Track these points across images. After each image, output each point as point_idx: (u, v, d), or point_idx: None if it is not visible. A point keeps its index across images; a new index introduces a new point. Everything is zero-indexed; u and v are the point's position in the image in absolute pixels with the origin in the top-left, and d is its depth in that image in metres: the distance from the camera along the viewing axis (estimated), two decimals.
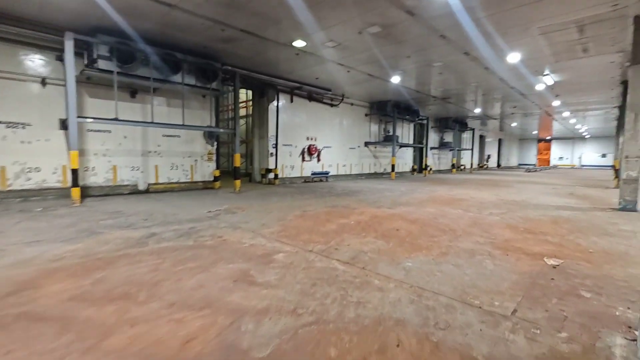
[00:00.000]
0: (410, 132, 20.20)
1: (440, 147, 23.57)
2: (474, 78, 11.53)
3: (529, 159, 44.45)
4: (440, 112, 19.98)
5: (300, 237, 4.09)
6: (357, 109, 16.11)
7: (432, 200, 7.92)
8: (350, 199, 7.88)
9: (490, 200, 8.07)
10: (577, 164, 41.00)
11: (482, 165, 31.45)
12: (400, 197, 8.34)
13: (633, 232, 4.64)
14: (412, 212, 6.14)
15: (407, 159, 20.62)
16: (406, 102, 16.30)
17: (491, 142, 34.70)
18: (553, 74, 10.81)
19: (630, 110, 6.51)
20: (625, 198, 6.63)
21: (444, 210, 6.42)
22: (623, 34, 7.35)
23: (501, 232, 4.54)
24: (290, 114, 12.86)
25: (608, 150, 38.02)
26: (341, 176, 15.40)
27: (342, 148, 15.42)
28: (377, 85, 12.62)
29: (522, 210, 6.57)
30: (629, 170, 6.57)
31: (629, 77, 6.51)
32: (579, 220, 5.50)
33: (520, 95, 14.49)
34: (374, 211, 6.16)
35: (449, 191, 10.03)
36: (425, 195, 8.94)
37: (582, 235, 4.42)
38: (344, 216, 5.61)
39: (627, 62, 9.41)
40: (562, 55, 8.83)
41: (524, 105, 17.45)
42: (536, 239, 4.19)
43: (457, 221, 5.30)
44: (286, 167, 12.83)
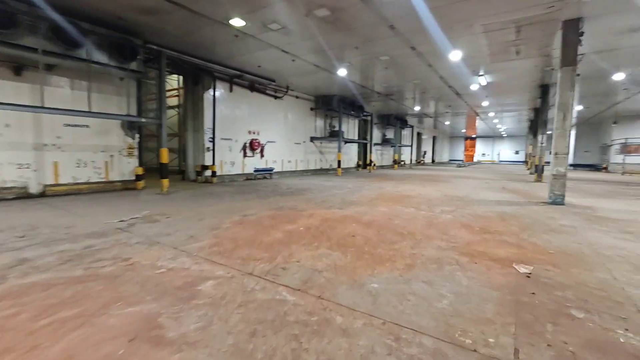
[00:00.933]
0: (355, 128, 20.21)
1: (383, 144, 24.16)
2: (417, 75, 11.66)
3: (457, 155, 48.72)
4: (382, 109, 20.34)
5: (237, 253, 3.26)
6: (302, 102, 15.42)
7: (381, 198, 7.62)
8: (297, 199, 7.18)
9: (436, 196, 8.08)
10: (496, 159, 46.12)
11: (420, 161, 33.34)
12: (350, 196, 7.91)
13: (574, 227, 4.76)
14: (365, 212, 5.68)
15: (352, 154, 20.64)
16: (351, 97, 16.10)
17: (427, 139, 37.01)
18: (487, 74, 11.41)
19: (560, 109, 6.91)
20: (554, 192, 7.07)
21: (396, 209, 6.10)
22: (551, 38, 7.83)
23: (459, 234, 4.27)
24: (229, 105, 11.63)
25: (520, 147, 43.46)
26: (286, 173, 14.62)
27: (287, 143, 14.62)
28: (323, 77, 12.06)
29: (468, 206, 6.57)
30: (558, 167, 7.00)
31: (558, 78, 6.91)
32: (522, 216, 5.58)
33: (456, 95, 15.26)
34: (325, 213, 5.55)
35: (396, 187, 9.96)
36: (374, 192, 8.66)
37: (533, 233, 4.36)
38: (292, 221, 4.90)
39: (547, 66, 10.29)
40: (498, 56, 9.23)
41: (458, 105, 18.58)
42: (495, 240, 3.97)
43: (412, 222, 4.95)
44: (225, 163, 11.62)
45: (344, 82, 12.73)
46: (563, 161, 6.96)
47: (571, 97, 6.82)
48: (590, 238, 4.16)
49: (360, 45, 8.53)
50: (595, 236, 4.26)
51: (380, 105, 19.00)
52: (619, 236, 4.28)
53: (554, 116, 7.04)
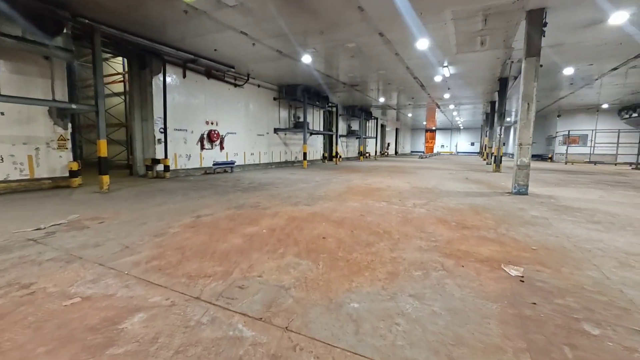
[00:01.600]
0: (320, 119, 19.72)
1: (348, 135, 23.99)
2: (384, 65, 11.38)
3: (418, 146, 50.36)
4: (347, 100, 20.04)
5: (184, 268, 2.63)
6: (265, 92, 14.58)
7: (351, 191, 7.24)
8: (261, 195, 6.56)
9: (405, 188, 7.87)
10: (454, 151, 48.38)
11: (383, 152, 33.82)
12: (317, 190, 7.43)
13: (545, 219, 4.69)
14: (335, 209, 5.23)
15: (318, 146, 20.19)
16: (316, 87, 15.54)
17: (390, 131, 37.65)
18: (451, 66, 11.44)
19: (524, 100, 6.94)
20: (519, 182, 7.14)
21: (367, 204, 5.72)
22: (514, 29, 7.85)
23: (438, 230, 3.96)
24: (183, 93, 10.54)
25: (475, 139, 45.91)
26: (249, 166, 13.79)
27: (249, 135, 13.75)
28: (286, 65, 11.35)
29: (439, 198, 6.40)
30: (522, 157, 7.06)
31: (523, 69, 6.92)
32: (493, 208, 5.48)
33: (420, 87, 15.33)
34: (291, 211, 5.01)
35: (364, 180, 9.66)
36: (343, 185, 8.27)
37: (510, 227, 4.19)
38: (253, 221, 4.30)
39: (508, 59, 10.49)
40: (463, 46, 9.18)
41: (421, 97, 18.80)
42: (475, 237, 3.71)
43: (386, 218, 4.59)
44: (180, 156, 10.57)
45: (308, 70, 12.12)
46: (527, 152, 7.03)
47: (535, 88, 6.87)
48: (565, 230, 4.07)
49: (326, 29, 7.97)
50: (569, 228, 4.19)
51: (345, 96, 18.67)
52: (590, 227, 4.25)
53: (519, 107, 7.07)
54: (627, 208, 5.63)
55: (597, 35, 8.26)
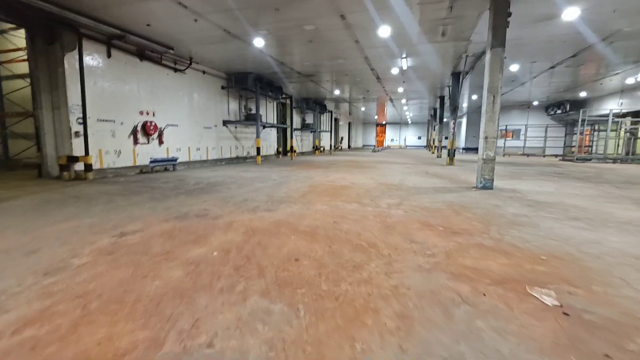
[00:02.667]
0: (273, 111, 18.58)
1: (303, 129, 23.18)
2: (343, 53, 10.72)
3: (370, 140, 51.43)
4: (301, 91, 19.17)
5: (79, 341, 1.61)
6: (211, 79, 13.06)
7: (315, 191, 6.46)
8: (209, 199, 5.46)
9: (372, 185, 7.33)
10: (403, 144, 50.34)
11: (337, 146, 33.67)
12: (277, 190, 6.52)
13: (527, 217, 4.40)
14: (302, 214, 4.40)
15: (272, 140, 19.06)
16: (269, 76, 14.40)
17: (343, 125, 37.65)
18: (409, 57, 11.18)
19: (490, 92, 6.76)
20: (484, 177, 7.00)
21: (337, 206, 4.99)
22: (477, 19, 7.67)
23: (428, 239, 3.36)
24: (109, 76, 8.77)
25: (422, 133, 48.23)
26: (195, 163, 12.27)
27: (194, 127, 12.20)
28: (236, 49, 10.10)
29: (410, 196, 5.92)
30: (487, 150, 6.91)
31: (488, 60, 6.71)
32: (469, 206, 5.11)
33: (376, 79, 15.04)
34: (249, 220, 4.07)
35: (326, 176, 8.95)
36: (304, 184, 7.45)
37: (499, 230, 3.76)
38: (200, 238, 3.29)
39: (464, 52, 10.50)
40: (424, 36, 8.86)
41: (375, 90, 18.65)
42: (471, 245, 3.17)
43: (364, 225, 3.89)
44: (108, 153, 8.82)
45: (261, 56, 10.98)
46: (492, 145, 6.89)
47: (500, 79, 6.71)
48: (554, 230, 3.75)
49: (282, 5, 7.00)
50: (557, 227, 3.89)
51: (300, 88, 17.77)
52: (574, 225, 4.01)
53: (484, 99, 6.88)
54: (587, 200, 5.67)
55: (549, 31, 8.49)
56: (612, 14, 7.37)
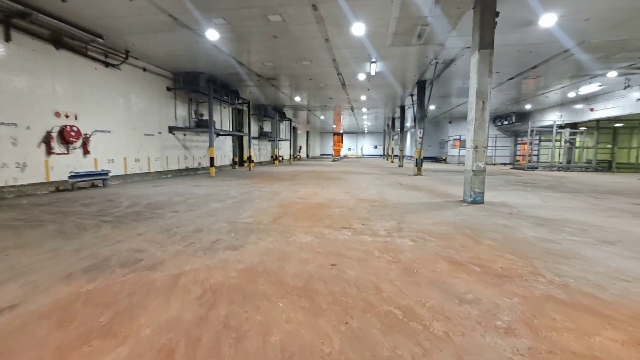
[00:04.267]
0: (228, 118, 16.90)
1: (260, 137, 21.71)
2: (310, 53, 9.70)
3: (327, 149, 51.14)
4: (259, 97, 17.80)
5: None
6: (155, 79, 11.18)
7: (288, 212, 5.21)
8: (146, 231, 3.94)
9: (351, 202, 6.29)
10: (360, 153, 50.88)
11: (296, 156, 32.55)
12: (240, 212, 5.15)
13: (558, 243, 3.64)
14: (283, 253, 3.15)
15: (227, 150, 17.31)
16: (224, 78, 12.87)
17: (301, 134, 36.75)
18: (379, 62, 10.54)
19: (479, 98, 6.16)
20: (475, 190, 6.35)
21: (325, 236, 3.81)
22: (458, 20, 7.16)
23: (476, 291, 2.35)
24: (8, 65, 6.69)
25: (378, 142, 49.21)
26: (133, 176, 10.24)
27: (132, 134, 10.22)
28: (184, 41, 8.55)
29: (404, 217, 4.97)
30: (478, 161, 6.28)
31: (476, 62, 6.13)
32: (479, 229, 4.28)
33: (341, 85, 14.30)
34: (206, 269, 2.72)
35: (294, 191, 7.73)
36: (272, 202, 6.16)
37: (547, 265, 2.90)
38: (117, 324, 1.90)
39: (434, 58, 10.11)
40: (399, 37, 8.19)
41: (339, 98, 17.98)
42: (542, 301, 2.23)
43: (376, 269, 2.78)
44: (5, 166, 6.66)
45: (215, 54, 9.52)
46: (483, 155, 6.28)
47: (489, 84, 6.16)
48: (609, 263, 2.99)
49: None
50: (605, 258, 3.14)
51: (258, 93, 16.41)
52: (619, 253, 3.31)
53: (472, 106, 6.27)
54: (588, 215, 5.22)
55: (521, 39, 8.32)
56: (584, 23, 7.33)
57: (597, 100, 16.29)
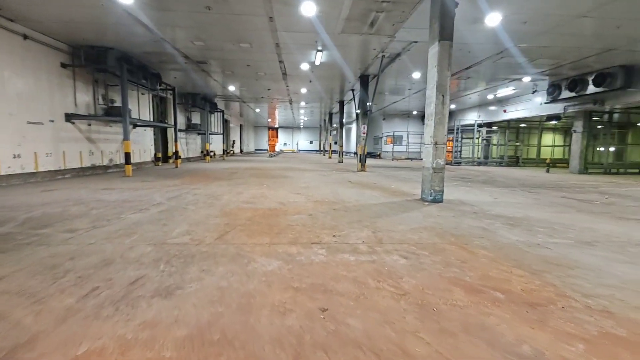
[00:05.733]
0: (148, 106, 14.42)
1: (188, 130, 19.33)
2: (251, 34, 8.46)
3: (262, 144, 49.24)
4: (186, 84, 15.67)
5: None
6: (41, 50, 8.63)
7: (236, 223, 4.13)
8: (10, 273, 2.50)
9: (308, 205, 5.46)
10: (295, 149, 50.17)
11: (229, 151, 30.28)
12: (170, 227, 3.89)
13: (549, 249, 3.37)
14: (243, 298, 2.16)
15: (147, 144, 14.82)
16: (142, 56, 10.73)
17: (234, 127, 34.37)
18: (326, 50, 9.83)
19: (439, 92, 5.86)
20: (435, 188, 6.09)
21: (294, 258, 2.91)
22: (412, 10, 6.81)
23: (524, 334, 1.75)
24: None
25: (314, 137, 49.15)
26: (10, 177, 7.73)
27: (7, 122, 7.68)
28: (86, 3, 6.57)
29: (375, 223, 4.34)
30: (438, 158, 6.02)
31: (436, 54, 5.80)
32: (461, 235, 3.87)
33: (282, 75, 13.26)
34: (114, 354, 1.59)
35: (237, 194, 6.57)
36: (213, 209, 4.96)
37: (563, 280, 2.50)
38: None
39: (382, 51, 9.82)
40: (351, 24, 7.57)
41: (277, 89, 16.87)
42: (609, 347, 1.71)
43: (382, 311, 2.01)
44: None
45: (129, 23, 7.63)
46: (443, 152, 6.04)
47: (449, 77, 5.90)
48: (612, 271, 2.73)
49: None
50: (604, 265, 2.91)
51: (185, 78, 14.34)
52: (607, 256, 3.14)
53: (432, 100, 5.96)
54: (543, 212, 5.32)
55: (465, 37, 8.44)
56: (522, 26, 7.68)
57: (510, 102, 18.33)
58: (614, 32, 8.04)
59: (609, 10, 6.77)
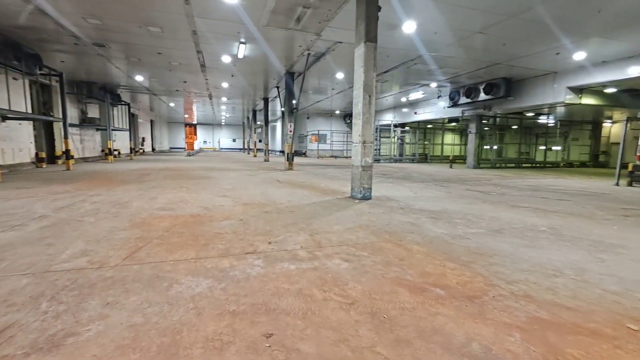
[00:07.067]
0: (23, 93, 11.61)
1: (84, 125, 16.38)
2: (162, 17, 7.44)
3: (178, 142, 45.06)
4: (78, 70, 13.21)
5: None
6: None
7: (151, 237, 3.49)
8: None
9: (236, 209, 5.02)
10: (217, 147, 47.28)
11: (139, 150, 26.78)
12: (59, 248, 3.06)
13: (469, 239, 3.68)
14: (166, 336, 1.73)
15: (23, 140, 11.97)
16: (12, 32, 8.54)
17: (143, 123, 30.57)
18: (250, 43, 9.31)
19: (365, 91, 6.02)
20: (364, 186, 6.25)
21: (226, 272, 2.54)
22: (338, 10, 6.85)
23: (470, 331, 1.78)
24: None
25: (237, 135, 47.08)
26: None
27: None
28: None
29: (305, 223, 4.19)
30: (366, 157, 6.19)
31: (362, 55, 5.93)
32: (394, 231, 3.98)
33: (200, 67, 12.16)
34: None
35: (151, 199, 5.69)
36: (120, 220, 4.13)
37: (477, 268, 2.71)
38: None
39: (307, 49, 9.77)
40: (277, 17, 7.27)
41: (195, 83, 15.48)
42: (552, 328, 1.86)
43: (332, 323, 1.83)
44: None
45: None
46: (371, 150, 6.23)
47: (374, 78, 6.10)
48: (530, 256, 3.10)
49: None
50: (523, 252, 3.28)
51: (77, 63, 12.03)
52: (522, 243, 3.58)
53: (359, 100, 6.09)
54: (451, 203, 5.93)
55: (385, 42, 8.93)
56: (434, 36, 8.46)
57: (420, 105, 20.39)
58: (499, 49, 9.50)
59: (497, 29, 7.92)
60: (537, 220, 4.66)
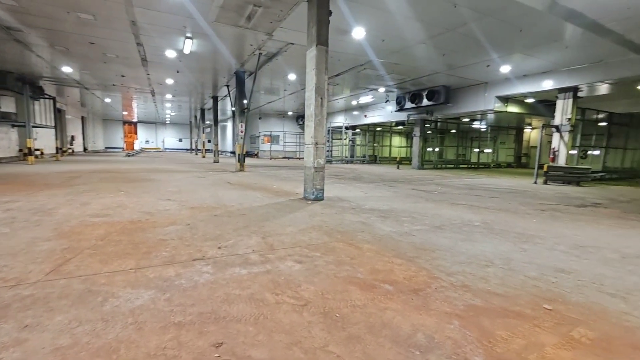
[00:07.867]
0: None
1: None
2: (94, 2, 6.72)
3: (116, 141, 41.20)
4: None
5: None
6: None
7: (82, 247, 3.14)
8: None
9: (183, 213, 4.74)
10: (161, 147, 44.12)
11: (67, 149, 23.89)
12: None
13: (414, 236, 3.91)
14: (101, 357, 1.57)
15: None
16: None
17: (72, 119, 27.37)
18: (197, 39, 8.86)
19: (317, 94, 6.09)
20: (316, 187, 6.32)
21: (171, 281, 2.38)
22: (289, 11, 6.85)
23: (416, 322, 1.89)
24: None
25: (183, 135, 44.44)
26: None
27: None
28: None
29: (258, 226, 4.12)
30: (319, 158, 6.26)
31: (314, 58, 6.00)
32: (345, 231, 4.09)
33: (142, 61, 11.26)
34: None
35: (82, 204, 5.10)
36: (43, 230, 3.64)
37: (421, 263, 2.91)
38: None
39: (259, 49, 9.61)
40: (226, 13, 7.02)
41: (135, 77, 14.28)
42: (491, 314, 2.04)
43: (285, 327, 1.82)
44: None
45: None
46: (323, 152, 6.31)
47: (326, 80, 6.20)
48: (469, 249, 3.38)
49: None
50: (464, 246, 3.57)
51: None
52: (461, 238, 3.89)
53: (311, 102, 6.14)
54: (398, 202, 6.28)
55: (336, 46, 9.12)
56: (381, 43, 8.86)
57: (369, 109, 21.22)
58: (440, 59, 10.29)
59: (438, 40, 8.58)
60: (473, 216, 5.13)
